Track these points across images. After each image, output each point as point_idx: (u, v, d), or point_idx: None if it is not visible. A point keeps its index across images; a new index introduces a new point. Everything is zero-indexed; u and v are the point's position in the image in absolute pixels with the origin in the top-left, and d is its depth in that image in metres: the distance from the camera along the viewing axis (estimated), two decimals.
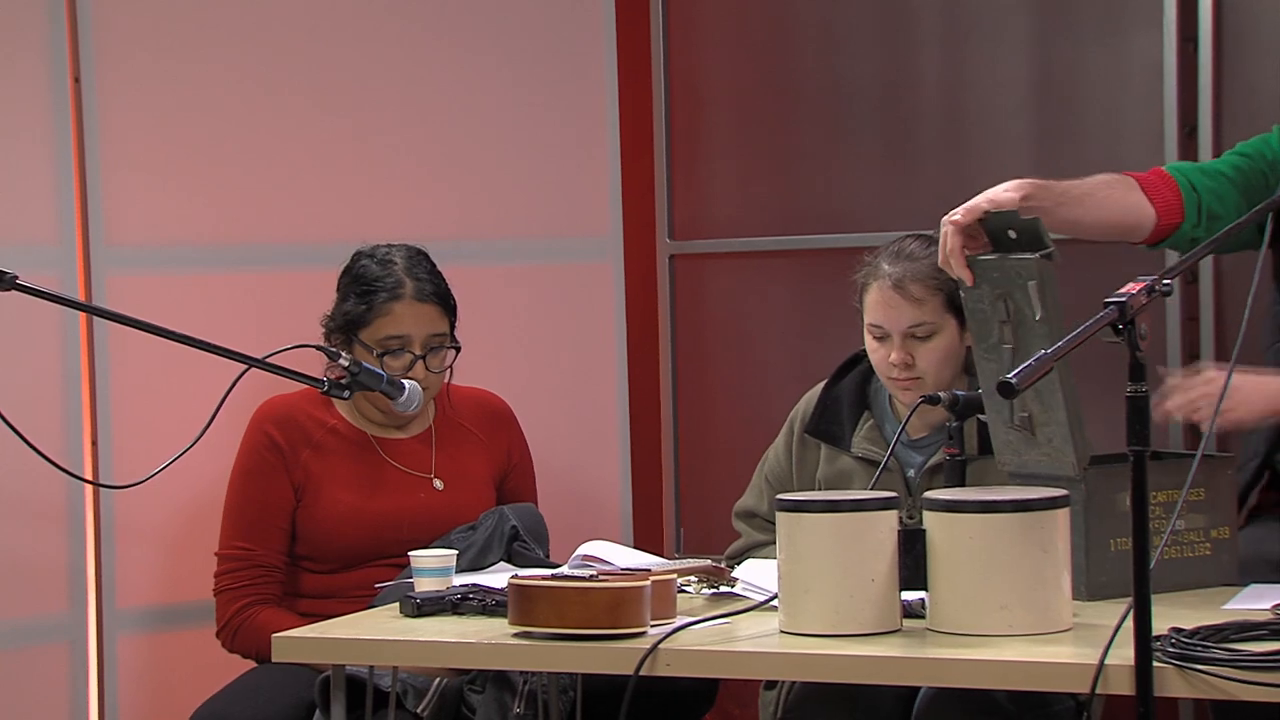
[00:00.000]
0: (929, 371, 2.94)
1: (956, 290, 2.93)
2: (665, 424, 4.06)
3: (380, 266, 3.16)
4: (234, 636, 3.12)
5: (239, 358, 2.62)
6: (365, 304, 3.14)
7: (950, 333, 2.96)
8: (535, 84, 3.84)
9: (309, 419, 3.16)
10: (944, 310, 2.95)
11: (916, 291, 2.94)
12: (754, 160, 3.99)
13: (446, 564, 2.72)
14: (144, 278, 3.46)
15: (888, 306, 2.95)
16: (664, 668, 2.30)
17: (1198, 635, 2.14)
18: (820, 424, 3.07)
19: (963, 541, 2.31)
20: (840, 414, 3.06)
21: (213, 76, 3.53)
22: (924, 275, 2.94)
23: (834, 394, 3.09)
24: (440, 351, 3.16)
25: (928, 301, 2.94)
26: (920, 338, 2.94)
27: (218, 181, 3.54)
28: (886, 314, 2.95)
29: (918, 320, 2.94)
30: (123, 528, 3.42)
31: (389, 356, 3.11)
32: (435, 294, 3.16)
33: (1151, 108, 3.56)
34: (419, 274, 3.16)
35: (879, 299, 2.97)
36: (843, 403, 3.07)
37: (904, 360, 2.94)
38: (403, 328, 3.13)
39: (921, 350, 2.94)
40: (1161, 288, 2.19)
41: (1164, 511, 2.54)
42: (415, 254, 3.21)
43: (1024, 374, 2.16)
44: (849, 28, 3.88)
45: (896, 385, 2.97)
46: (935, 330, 2.95)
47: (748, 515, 3.15)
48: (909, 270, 2.95)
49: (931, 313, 2.94)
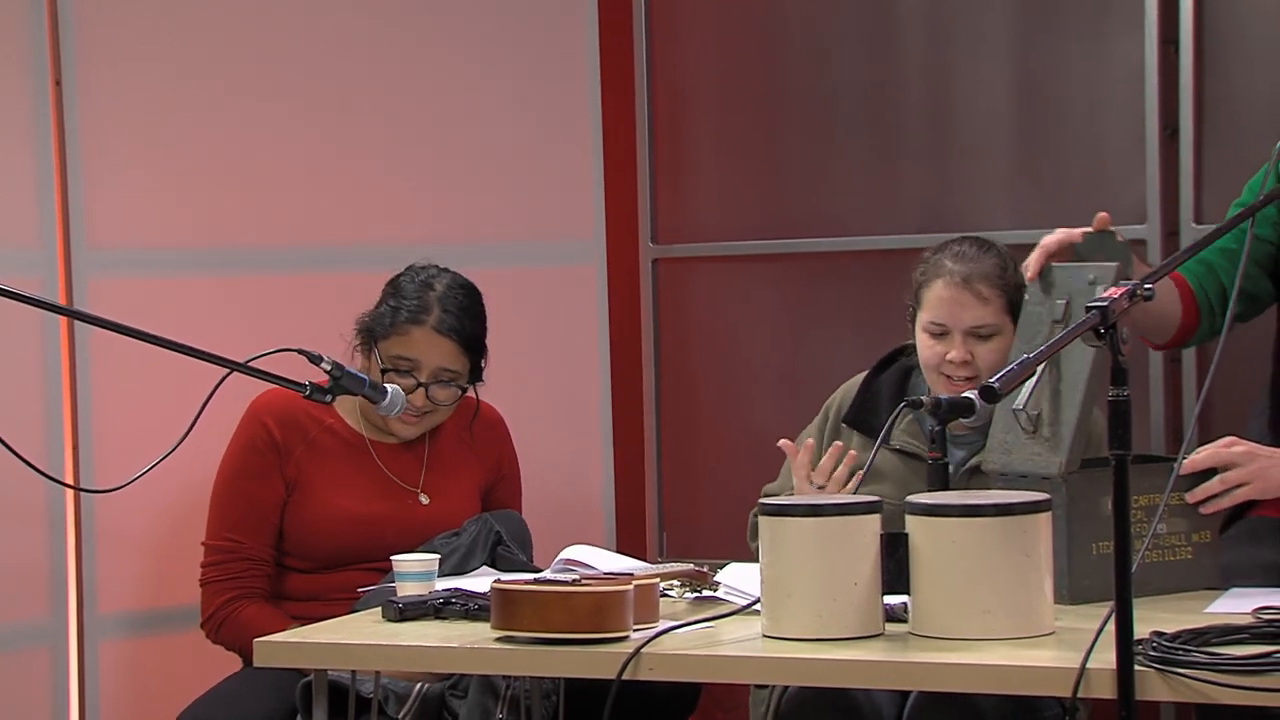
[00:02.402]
0: (985, 372, 2.93)
1: (1017, 295, 2.93)
2: (648, 428, 4.06)
3: (418, 287, 3.15)
4: (219, 629, 3.11)
5: (221, 362, 2.62)
6: (389, 318, 3.14)
7: (1008, 336, 2.96)
8: (518, 87, 3.84)
9: (307, 416, 3.15)
10: (1005, 312, 2.96)
11: (984, 290, 2.95)
12: (737, 164, 3.99)
13: (429, 568, 2.72)
14: (126, 281, 3.45)
15: (955, 303, 2.95)
16: (647, 672, 2.30)
17: (1179, 639, 2.15)
18: (860, 414, 3.06)
19: (945, 545, 2.31)
20: (879, 406, 3.05)
21: (194, 80, 3.53)
22: (990, 275, 2.96)
23: (875, 386, 3.09)
24: (448, 386, 3.15)
25: (993, 302, 2.95)
26: (982, 337, 2.95)
27: (199, 185, 3.54)
28: (952, 311, 2.95)
29: (982, 320, 2.94)
30: (104, 532, 3.41)
31: (394, 374, 3.11)
32: (457, 330, 3.13)
33: (1133, 110, 3.57)
34: (449, 306, 3.14)
35: (945, 295, 2.96)
36: (883, 395, 3.06)
37: (964, 358, 2.94)
38: (414, 352, 3.12)
39: (981, 350, 2.95)
40: (1143, 292, 2.19)
41: (1145, 515, 2.55)
42: (459, 286, 3.17)
43: (1006, 378, 2.17)
44: (832, 31, 3.89)
45: (949, 385, 2.95)
46: (996, 331, 2.95)
47: None
48: (976, 269, 2.96)
49: (995, 314, 2.95)
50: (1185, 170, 3.53)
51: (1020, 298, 2.93)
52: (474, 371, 3.19)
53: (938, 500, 2.38)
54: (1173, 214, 3.56)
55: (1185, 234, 3.53)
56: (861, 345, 3.46)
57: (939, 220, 3.73)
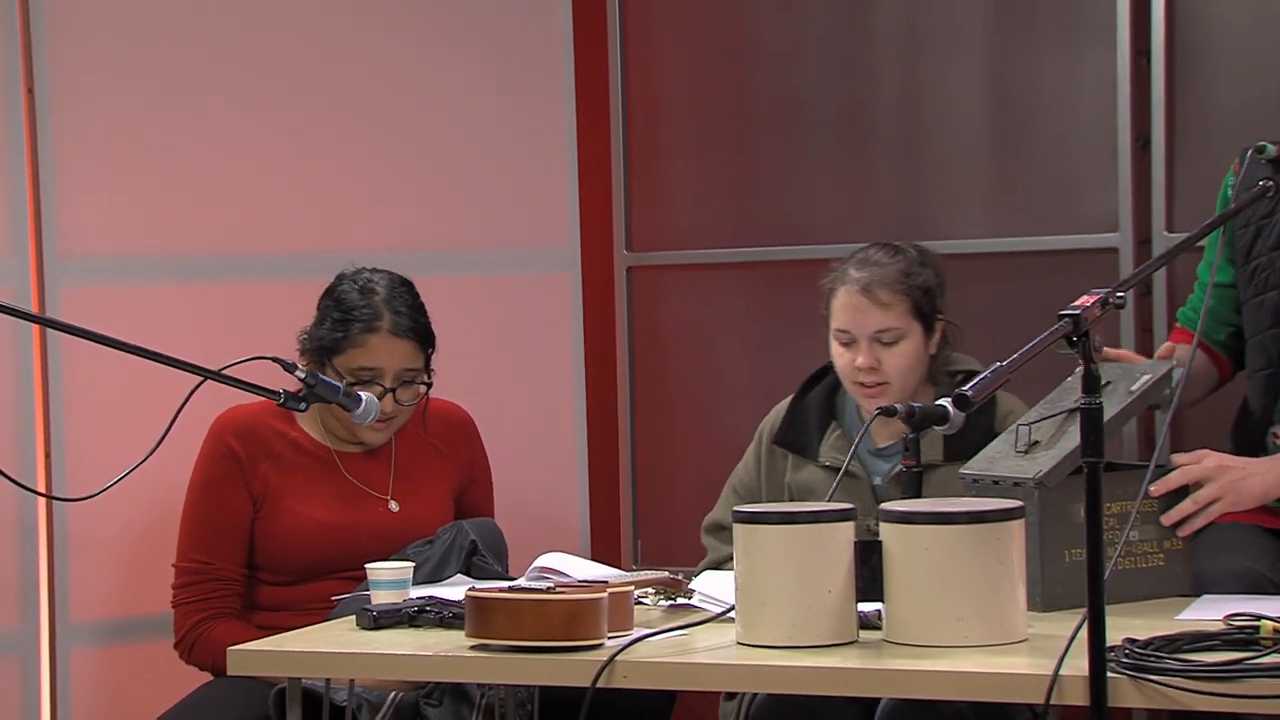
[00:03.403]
0: (894, 377, 2.96)
1: (923, 297, 2.96)
2: (623, 435, 4.06)
3: (360, 294, 3.13)
4: (191, 650, 3.10)
5: (194, 370, 2.61)
6: (341, 332, 3.11)
7: (916, 339, 2.98)
8: (493, 96, 3.84)
9: (270, 430, 3.14)
10: (910, 316, 2.97)
11: (884, 296, 2.96)
12: (711, 172, 4.00)
13: (403, 576, 2.71)
14: (98, 289, 3.44)
15: (855, 310, 2.97)
16: (621, 680, 2.30)
17: (1151, 646, 2.16)
18: (788, 434, 3.09)
19: (918, 553, 2.32)
20: (808, 424, 3.08)
21: (167, 88, 3.52)
22: (891, 280, 2.97)
23: (802, 405, 3.11)
24: (412, 386, 3.14)
25: (895, 306, 2.97)
26: (886, 343, 2.97)
27: (172, 193, 3.53)
28: (854, 318, 2.97)
29: (884, 325, 2.96)
30: (76, 540, 3.40)
31: (359, 386, 3.09)
32: (412, 329, 3.13)
33: (1105, 120, 3.59)
34: (398, 307, 3.13)
35: (847, 303, 2.99)
36: (810, 413, 3.08)
37: (870, 364, 2.95)
38: (375, 360, 3.11)
39: (887, 355, 2.97)
40: (1115, 300, 2.20)
41: (1118, 522, 2.56)
42: (398, 284, 3.17)
43: (979, 386, 2.18)
44: (805, 41, 3.90)
45: (862, 391, 2.99)
46: (901, 335, 2.97)
47: (715, 529, 3.16)
48: (876, 275, 2.98)
49: (898, 318, 2.97)
50: (1157, 180, 3.55)
51: (927, 300, 2.96)
52: (428, 367, 3.18)
53: (911, 508, 2.39)
54: (1145, 223, 3.58)
55: (1157, 243, 3.55)
56: None
57: (911, 228, 3.74)
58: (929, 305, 3.00)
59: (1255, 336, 2.91)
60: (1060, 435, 2.58)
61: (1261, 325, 2.90)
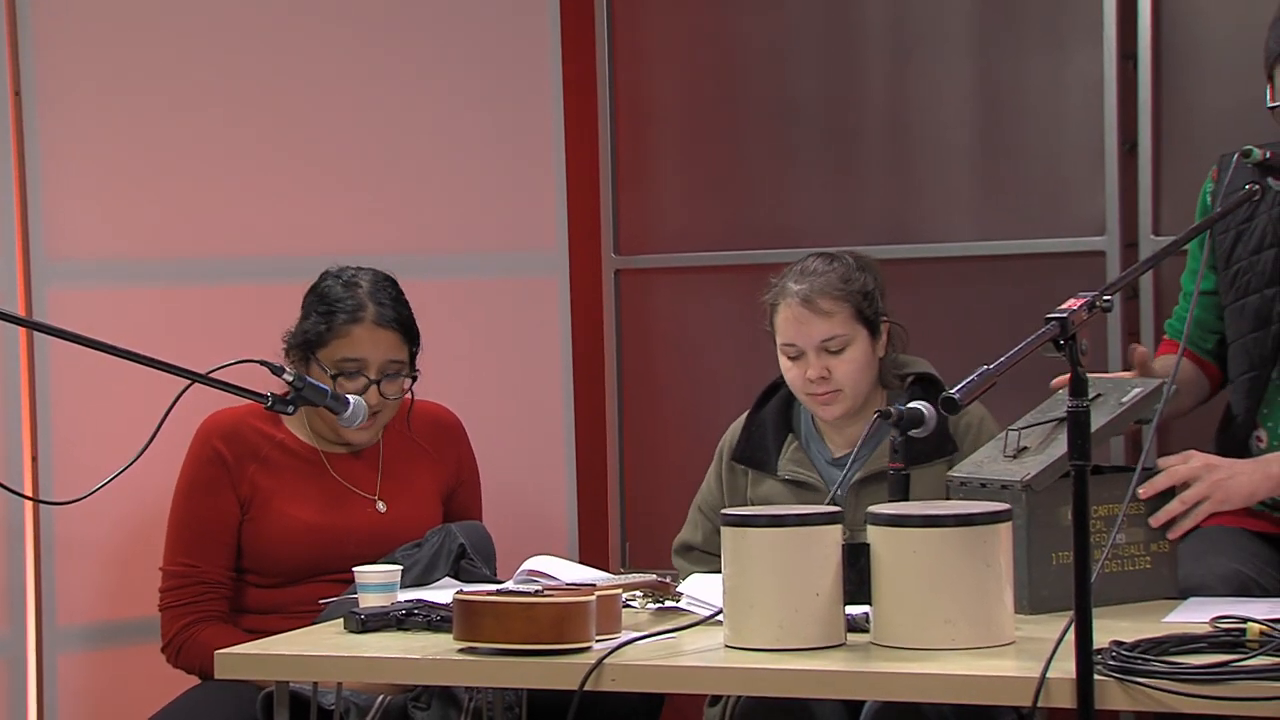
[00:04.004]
0: (846, 384, 2.98)
1: (864, 301, 2.97)
2: (611, 439, 4.06)
3: (344, 288, 3.14)
4: (178, 653, 3.10)
5: (181, 373, 2.60)
6: (325, 324, 3.12)
7: (862, 344, 3.00)
8: (481, 99, 3.84)
9: (256, 433, 3.14)
10: (853, 321, 2.99)
11: (825, 305, 2.98)
12: (699, 175, 4.00)
13: (391, 580, 2.71)
14: (86, 292, 3.43)
15: (799, 323, 2.99)
16: (609, 683, 2.30)
17: (1138, 648, 2.16)
18: (746, 450, 3.10)
19: (906, 556, 2.32)
20: (765, 439, 3.09)
21: (154, 90, 3.51)
22: (830, 288, 2.99)
23: (758, 420, 3.12)
24: (397, 379, 3.14)
25: (837, 314, 2.98)
26: (834, 351, 2.98)
27: (159, 195, 3.52)
28: (798, 330, 2.99)
29: (829, 333, 2.97)
30: (64, 544, 3.39)
31: (344, 378, 3.10)
32: (396, 320, 3.14)
33: (1092, 124, 3.60)
34: (382, 299, 3.14)
35: (789, 317, 3.00)
36: (767, 427, 3.10)
37: (820, 374, 2.97)
38: (360, 351, 3.11)
39: (836, 363, 2.98)
40: (1102, 304, 2.21)
41: (1105, 525, 2.56)
42: (382, 279, 3.18)
43: (965, 389, 2.18)
44: (793, 44, 3.90)
45: (816, 401, 3.00)
46: (848, 342, 2.99)
47: (685, 549, 3.17)
48: (815, 285, 2.99)
49: (842, 324, 2.98)
50: (1144, 183, 3.56)
51: (868, 303, 2.97)
52: (413, 363, 3.18)
53: (899, 510, 2.39)
54: (1131, 226, 3.59)
55: (1144, 246, 3.56)
56: None
57: (899, 231, 3.75)
58: (871, 309, 3.01)
59: (1237, 341, 2.92)
60: (1049, 442, 2.58)
61: (1243, 329, 2.90)
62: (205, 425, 3.15)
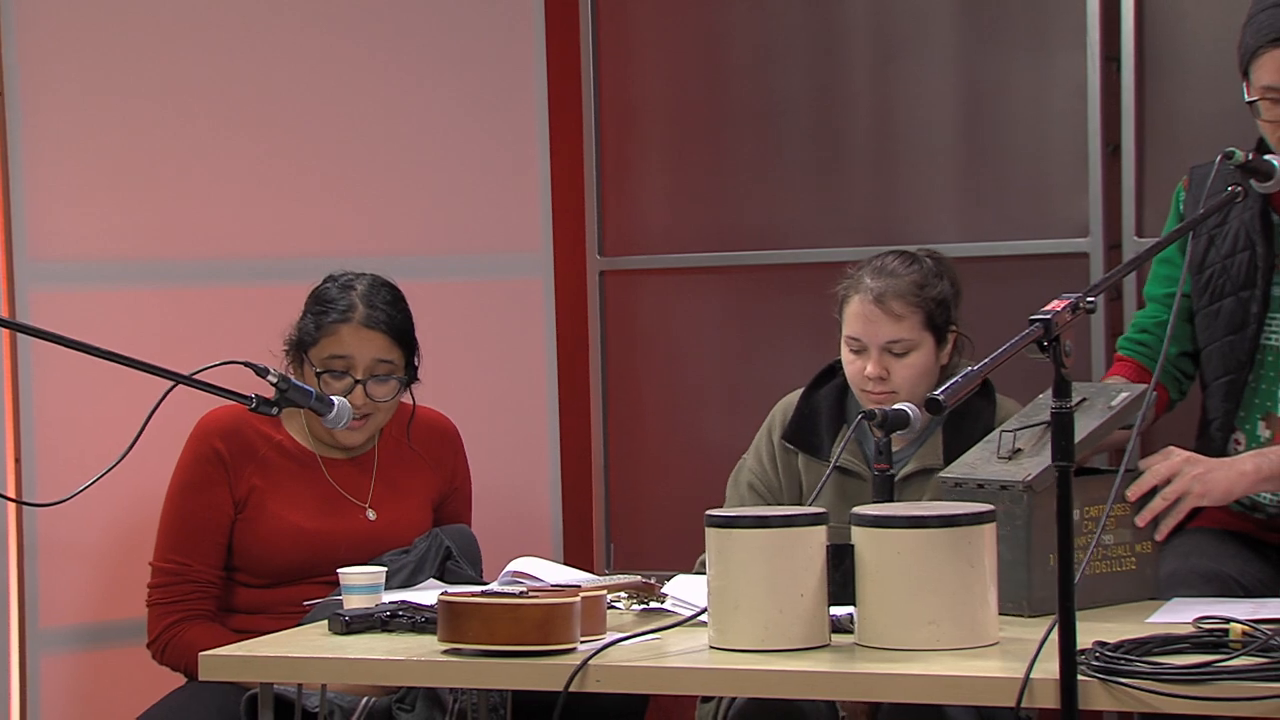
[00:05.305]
0: (903, 387, 2.95)
1: (936, 309, 2.96)
2: (595, 440, 4.06)
3: (340, 290, 3.15)
4: (164, 651, 3.09)
5: (165, 374, 2.60)
6: (315, 323, 3.13)
7: (927, 351, 2.97)
8: (466, 101, 3.84)
9: (256, 434, 3.14)
10: (922, 328, 2.97)
11: (897, 308, 2.95)
12: (684, 176, 4.00)
13: (375, 581, 2.71)
14: (69, 293, 3.43)
15: (867, 320, 2.96)
16: (594, 684, 2.30)
17: (1121, 649, 2.17)
18: (798, 433, 3.07)
19: (891, 557, 2.32)
20: (818, 424, 3.06)
21: (138, 91, 3.51)
22: (905, 292, 2.96)
23: (811, 404, 3.09)
24: (386, 381, 3.14)
25: (907, 318, 2.96)
26: (897, 354, 2.96)
27: (143, 196, 3.52)
28: (866, 327, 2.97)
29: (896, 336, 2.95)
30: (46, 546, 3.38)
31: (329, 376, 3.10)
32: (386, 323, 3.13)
33: (1075, 126, 3.61)
34: (375, 301, 3.14)
35: (859, 312, 2.98)
36: (820, 413, 3.07)
37: (879, 374, 2.95)
38: (345, 349, 3.11)
39: (897, 365, 2.96)
40: (1085, 305, 2.21)
41: (1095, 525, 2.56)
42: (380, 283, 3.18)
43: (950, 390, 2.19)
44: (778, 46, 3.91)
45: (870, 397, 2.97)
46: (912, 347, 2.96)
47: None
48: (891, 286, 2.96)
49: (910, 330, 2.96)
50: (1127, 185, 3.58)
51: (941, 312, 2.96)
52: (409, 368, 3.18)
53: (883, 512, 2.40)
54: (1115, 228, 3.60)
55: (1127, 248, 3.57)
56: (808, 357, 3.47)
57: (884, 233, 3.75)
58: (942, 317, 2.99)
59: (1211, 345, 2.92)
60: (1043, 443, 2.58)
61: (1217, 333, 2.91)
62: (204, 423, 3.14)
